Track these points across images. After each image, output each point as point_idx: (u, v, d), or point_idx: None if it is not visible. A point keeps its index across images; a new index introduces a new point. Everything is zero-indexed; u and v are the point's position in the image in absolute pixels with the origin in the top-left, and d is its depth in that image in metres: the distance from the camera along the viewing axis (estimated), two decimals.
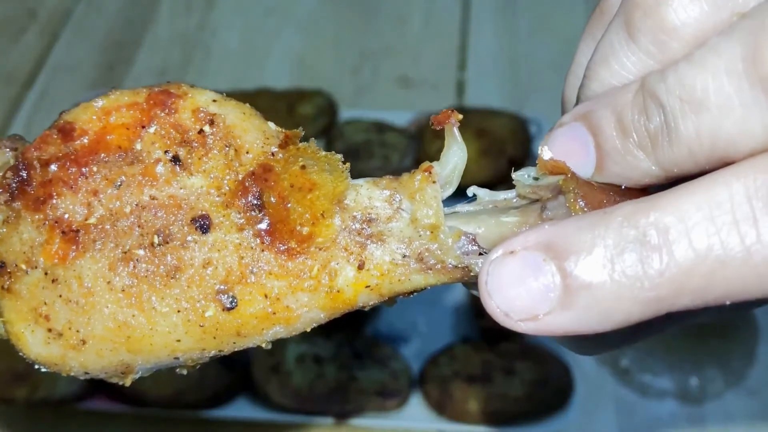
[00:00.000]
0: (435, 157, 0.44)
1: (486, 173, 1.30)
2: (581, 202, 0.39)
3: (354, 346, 1.16)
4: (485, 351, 1.15)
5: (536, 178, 0.42)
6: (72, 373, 0.42)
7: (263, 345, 0.43)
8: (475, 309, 1.20)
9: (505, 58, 1.58)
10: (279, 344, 1.14)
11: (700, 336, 1.16)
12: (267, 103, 1.42)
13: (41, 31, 1.62)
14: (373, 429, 1.13)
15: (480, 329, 1.19)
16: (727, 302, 0.35)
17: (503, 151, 1.34)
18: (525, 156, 1.34)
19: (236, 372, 1.13)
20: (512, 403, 1.10)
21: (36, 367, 0.42)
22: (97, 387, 1.12)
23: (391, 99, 1.52)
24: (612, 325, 0.36)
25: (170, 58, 1.58)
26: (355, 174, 0.44)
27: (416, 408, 1.12)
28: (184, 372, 0.44)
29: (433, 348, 1.17)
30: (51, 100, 1.50)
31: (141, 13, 1.66)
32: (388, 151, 1.36)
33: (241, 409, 1.12)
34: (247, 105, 0.43)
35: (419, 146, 1.37)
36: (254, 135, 0.42)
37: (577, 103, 0.43)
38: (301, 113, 1.42)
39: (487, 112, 1.41)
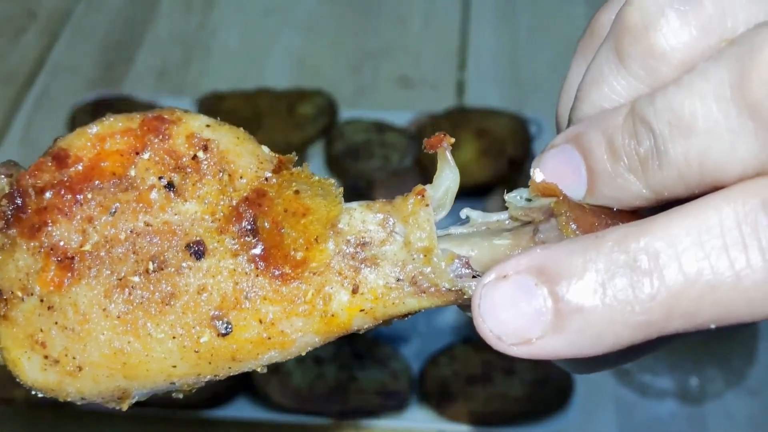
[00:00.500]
0: (433, 157, 0.45)
1: (486, 173, 1.30)
2: (573, 225, 0.40)
3: (354, 346, 1.16)
4: (485, 351, 1.15)
5: (529, 200, 0.42)
6: (69, 399, 0.42)
7: (259, 369, 0.43)
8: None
9: (505, 58, 1.58)
10: None
11: (700, 336, 1.16)
12: (267, 103, 1.42)
13: (41, 31, 1.62)
14: (373, 429, 1.13)
15: None
16: (716, 326, 0.35)
17: (503, 151, 1.34)
18: (525, 156, 1.34)
19: None
20: (512, 403, 1.10)
21: (33, 392, 0.42)
22: None
23: (391, 99, 1.52)
24: (604, 348, 0.36)
25: (170, 58, 1.58)
26: (355, 174, 0.44)
27: (416, 408, 1.12)
28: (180, 396, 0.44)
29: (433, 348, 1.17)
30: (51, 100, 1.50)
31: (141, 12, 1.66)
32: (388, 151, 1.36)
33: (241, 409, 1.12)
34: (241, 129, 0.43)
35: (419, 146, 1.37)
36: (248, 160, 0.42)
37: (568, 124, 0.43)
38: (301, 113, 1.42)
39: (487, 112, 1.41)
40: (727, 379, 1.16)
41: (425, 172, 1.35)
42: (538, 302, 0.36)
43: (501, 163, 1.33)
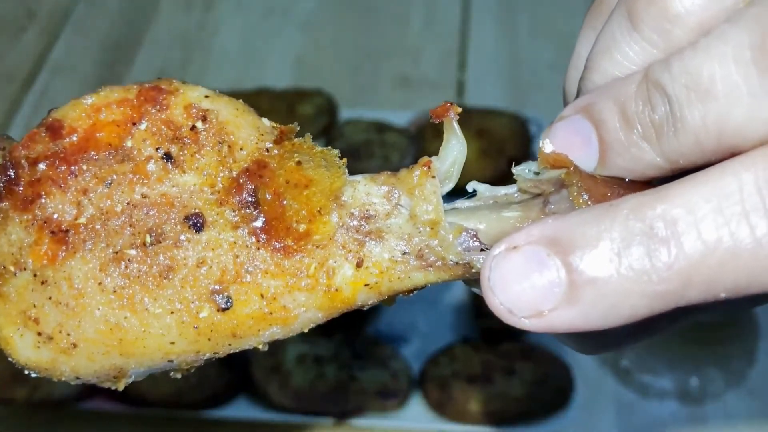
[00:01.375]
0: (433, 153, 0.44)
1: (486, 173, 1.30)
2: (585, 196, 0.38)
3: (354, 346, 1.16)
4: (485, 351, 1.15)
5: (537, 173, 0.41)
6: (63, 378, 0.41)
7: (260, 347, 0.41)
8: (475, 309, 1.20)
9: (505, 58, 1.58)
10: (279, 344, 1.14)
11: (700, 336, 1.16)
12: (267, 103, 1.42)
13: (41, 30, 1.62)
14: (373, 429, 1.13)
15: (480, 329, 1.19)
16: (736, 296, 0.34)
17: (503, 151, 1.34)
18: (525, 156, 1.34)
19: (236, 372, 1.12)
20: (512, 403, 1.10)
21: (26, 372, 0.41)
22: (96, 387, 1.11)
23: (391, 99, 1.52)
24: (619, 320, 0.35)
25: (170, 58, 1.58)
26: (356, 174, 0.43)
27: (416, 408, 1.12)
28: (179, 376, 0.43)
29: (433, 348, 1.17)
30: (51, 100, 1.50)
31: (141, 12, 1.66)
32: (388, 151, 1.36)
33: (241, 409, 1.12)
34: (240, 101, 0.42)
35: (419, 146, 1.37)
36: (248, 131, 0.41)
37: (578, 96, 0.42)
38: (301, 113, 1.42)
39: (487, 112, 1.40)
40: (728, 379, 1.16)
41: None
42: (550, 273, 0.35)
43: (501, 163, 1.33)
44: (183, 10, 1.67)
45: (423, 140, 1.37)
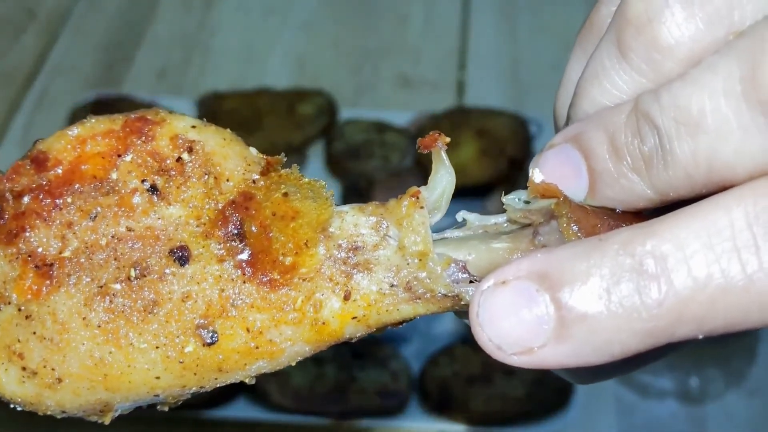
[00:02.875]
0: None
1: (486, 173, 1.30)
2: (574, 227, 0.38)
3: (354, 346, 1.16)
4: (485, 352, 1.15)
5: (527, 202, 0.40)
6: (49, 412, 0.41)
7: (247, 381, 0.41)
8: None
9: (505, 58, 1.58)
10: None
11: (702, 340, 1.16)
12: (267, 103, 1.42)
13: (41, 31, 1.62)
14: (373, 429, 1.12)
15: None
16: (727, 332, 0.34)
17: (503, 151, 1.34)
18: (525, 156, 1.34)
19: None
20: (512, 404, 1.10)
21: (12, 406, 0.41)
22: None
23: (391, 99, 1.52)
24: (610, 357, 0.34)
25: (170, 58, 1.58)
26: (355, 174, 0.43)
27: (416, 408, 1.12)
28: (166, 409, 0.42)
29: (433, 348, 1.17)
30: (51, 100, 1.50)
31: (141, 12, 1.66)
32: (388, 151, 1.36)
33: (240, 409, 1.12)
34: (228, 131, 0.42)
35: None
36: (235, 162, 0.40)
37: (567, 122, 0.42)
38: (301, 113, 1.42)
39: (487, 112, 1.41)
40: (728, 379, 1.16)
41: (425, 172, 1.34)
42: (539, 309, 0.34)
43: (501, 163, 1.33)
44: (183, 10, 1.67)
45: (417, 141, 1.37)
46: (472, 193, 1.27)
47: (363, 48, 1.60)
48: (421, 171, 1.35)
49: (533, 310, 0.34)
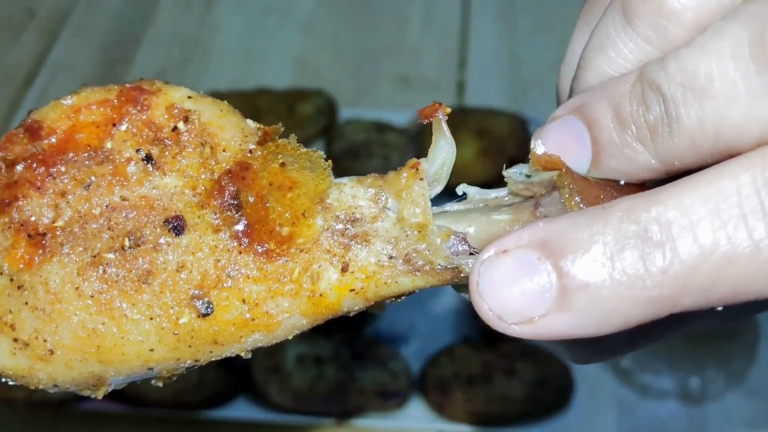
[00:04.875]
0: None
1: (486, 173, 1.30)
2: (577, 198, 0.37)
3: (354, 346, 1.16)
4: (485, 351, 1.15)
5: (528, 176, 0.39)
6: (41, 386, 0.39)
7: (243, 354, 0.40)
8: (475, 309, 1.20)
9: (505, 58, 1.58)
10: (279, 345, 1.14)
11: (701, 336, 1.16)
12: (267, 103, 1.42)
13: (41, 30, 1.62)
14: (373, 429, 1.12)
15: (480, 329, 1.19)
16: (733, 302, 0.33)
17: (503, 151, 1.34)
18: (525, 156, 1.34)
19: (236, 373, 1.12)
20: (512, 404, 1.10)
21: (3, 380, 0.40)
22: None
23: (391, 99, 1.52)
24: (612, 327, 0.34)
25: (169, 58, 1.58)
26: (356, 174, 0.41)
27: (416, 408, 1.12)
28: (160, 384, 0.41)
29: (433, 348, 1.17)
30: (50, 100, 1.50)
31: (140, 12, 1.66)
32: (388, 151, 1.36)
33: (240, 410, 1.12)
34: (225, 102, 0.41)
35: (419, 146, 1.37)
36: (231, 132, 0.40)
37: (571, 95, 0.41)
38: (301, 113, 1.42)
39: (487, 112, 1.40)
40: (728, 379, 1.16)
41: None
42: (541, 278, 0.34)
43: (501, 163, 1.32)
44: (183, 10, 1.66)
45: (423, 140, 1.37)
46: None
47: (363, 48, 1.60)
48: None
49: (534, 279, 0.34)
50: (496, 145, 1.34)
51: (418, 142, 1.37)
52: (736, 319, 1.01)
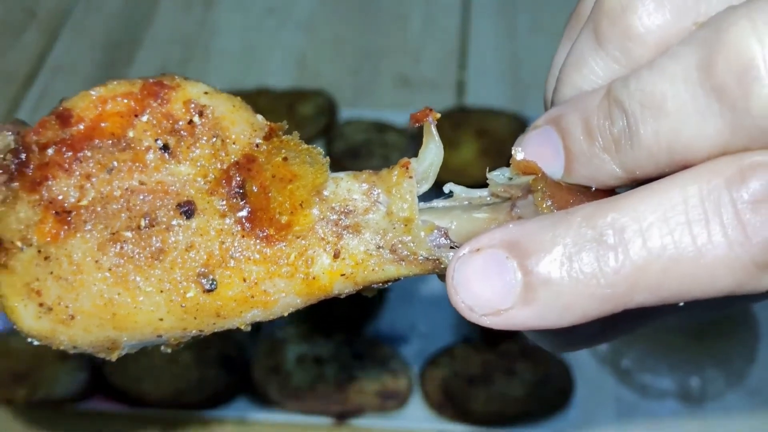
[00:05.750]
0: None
1: (486, 173, 1.30)
2: (548, 202, 0.41)
3: (354, 346, 1.16)
4: (485, 351, 1.16)
5: (510, 178, 0.44)
6: (62, 347, 0.44)
7: (242, 327, 0.44)
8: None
9: (505, 58, 1.58)
10: (279, 345, 1.15)
11: (700, 336, 1.16)
12: (267, 103, 1.42)
13: (41, 30, 1.62)
14: (373, 429, 1.13)
15: (480, 329, 1.19)
16: (682, 300, 0.37)
17: (503, 151, 1.34)
18: None
19: (236, 372, 1.12)
20: (512, 404, 1.10)
21: (29, 340, 0.44)
22: (96, 387, 1.11)
23: (391, 99, 1.52)
24: (571, 320, 0.38)
25: (170, 58, 1.58)
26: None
27: (416, 408, 1.13)
28: (169, 350, 0.46)
29: (433, 348, 1.17)
30: (51, 100, 1.50)
31: (140, 12, 1.66)
32: (388, 151, 1.36)
33: (241, 409, 1.12)
34: (238, 98, 0.45)
35: (419, 146, 1.37)
36: (242, 126, 0.44)
37: (551, 106, 0.45)
38: (301, 113, 1.42)
39: (487, 112, 1.41)
40: (728, 379, 1.16)
41: None
42: (508, 275, 0.38)
43: (501, 163, 1.32)
44: (183, 10, 1.67)
45: (421, 141, 1.37)
46: None
47: (363, 48, 1.61)
48: None
49: (503, 276, 0.38)
50: (496, 145, 1.35)
51: (418, 142, 1.37)
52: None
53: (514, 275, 0.38)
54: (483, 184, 0.46)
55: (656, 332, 1.17)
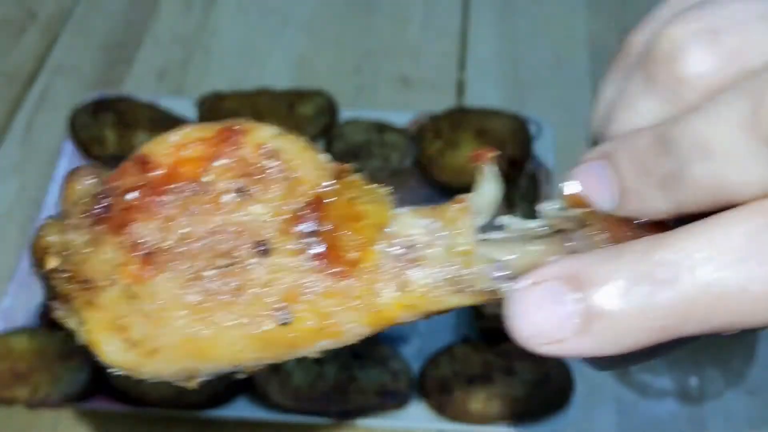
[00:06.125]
0: (433, 158, 0.48)
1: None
2: (602, 235, 0.44)
3: (354, 346, 1.16)
4: (485, 351, 1.16)
5: (560, 209, 0.46)
6: (144, 377, 0.47)
7: (311, 355, 0.47)
8: (475, 309, 1.20)
9: (505, 58, 1.59)
10: None
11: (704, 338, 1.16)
12: (267, 103, 1.43)
13: (41, 31, 1.62)
14: (373, 429, 1.13)
15: (480, 329, 1.20)
16: (732, 331, 0.39)
17: (503, 151, 1.35)
18: (525, 156, 1.34)
19: None
20: (512, 403, 1.10)
21: (110, 370, 0.47)
22: (97, 387, 1.11)
23: (391, 99, 1.52)
24: (624, 349, 0.40)
25: (170, 58, 1.58)
26: (363, 174, 0.48)
27: (416, 408, 1.13)
28: (243, 376, 0.48)
29: (433, 348, 1.18)
30: (51, 100, 1.51)
31: (141, 13, 1.66)
32: (388, 151, 1.37)
33: (241, 409, 1.12)
34: (303, 138, 0.48)
35: (419, 146, 1.37)
36: (309, 168, 0.47)
37: (598, 140, 0.48)
38: (301, 113, 1.42)
39: (487, 112, 1.41)
40: (727, 378, 1.17)
41: (425, 172, 1.35)
42: (567, 307, 0.40)
43: (501, 163, 1.32)
44: (183, 10, 1.67)
45: (423, 140, 1.37)
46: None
47: (363, 48, 1.61)
48: (421, 171, 1.35)
49: (561, 307, 0.40)
50: (495, 145, 1.34)
51: (418, 142, 1.37)
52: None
53: (573, 307, 0.40)
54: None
55: None
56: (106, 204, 0.46)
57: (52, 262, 0.47)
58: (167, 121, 1.40)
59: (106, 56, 1.60)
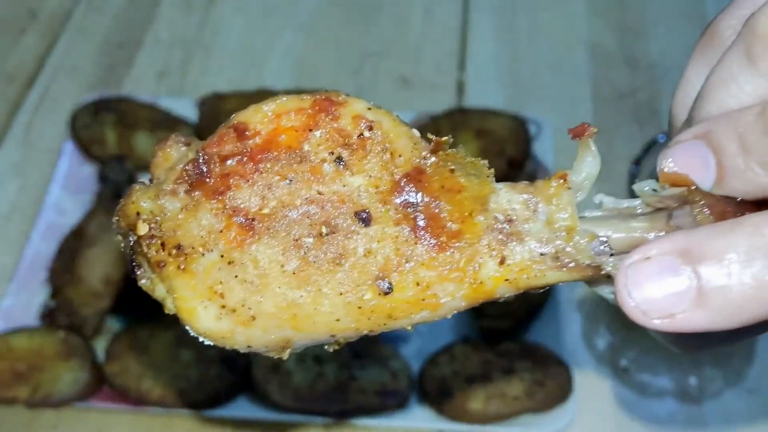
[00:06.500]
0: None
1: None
2: (707, 212, 0.44)
3: (354, 345, 1.16)
4: (485, 351, 1.16)
5: (655, 190, 0.46)
6: (235, 347, 0.47)
7: (408, 328, 0.47)
8: (475, 309, 1.20)
9: (505, 59, 1.59)
10: None
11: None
12: None
13: (42, 31, 1.62)
14: (373, 429, 1.13)
15: (480, 329, 1.20)
16: None
17: (503, 151, 1.35)
18: (525, 156, 1.34)
19: (237, 372, 1.13)
20: (512, 403, 1.10)
21: (200, 339, 0.47)
22: (97, 387, 1.12)
23: (391, 99, 1.52)
24: (739, 323, 0.41)
25: (171, 59, 1.58)
26: None
27: (416, 408, 1.13)
28: (331, 349, 0.49)
29: (433, 348, 1.18)
30: (52, 101, 1.51)
31: (141, 13, 1.66)
32: None
33: (241, 409, 1.12)
34: (394, 113, 0.48)
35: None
36: (405, 140, 0.47)
37: (687, 121, 0.48)
38: None
39: (487, 112, 1.41)
40: (727, 378, 1.17)
41: None
42: (682, 280, 0.41)
43: (501, 163, 1.33)
44: (183, 10, 1.67)
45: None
46: None
47: (363, 48, 1.61)
48: None
49: (677, 281, 0.41)
50: (495, 145, 1.35)
51: None
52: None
53: (689, 281, 0.40)
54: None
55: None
56: (203, 170, 0.46)
57: (142, 229, 0.47)
58: (167, 121, 1.39)
59: (106, 56, 1.60)
